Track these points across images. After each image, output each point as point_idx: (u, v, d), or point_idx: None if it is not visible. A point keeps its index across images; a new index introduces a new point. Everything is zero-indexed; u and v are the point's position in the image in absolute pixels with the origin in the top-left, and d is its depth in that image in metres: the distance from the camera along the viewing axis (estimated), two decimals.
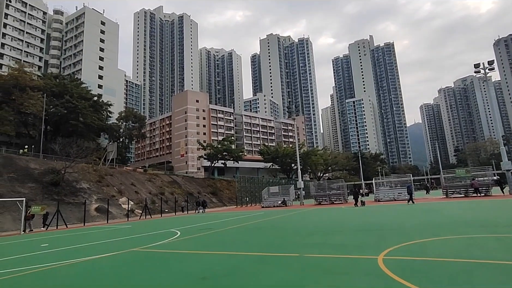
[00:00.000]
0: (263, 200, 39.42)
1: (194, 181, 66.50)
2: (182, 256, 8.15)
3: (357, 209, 22.95)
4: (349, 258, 6.28)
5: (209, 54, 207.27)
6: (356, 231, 10.80)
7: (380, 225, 12.11)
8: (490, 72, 29.24)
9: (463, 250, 6.43)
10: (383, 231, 10.27)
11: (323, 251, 7.22)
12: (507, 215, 12.75)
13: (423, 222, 12.04)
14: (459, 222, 11.06)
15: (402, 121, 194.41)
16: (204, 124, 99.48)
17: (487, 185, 27.37)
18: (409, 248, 6.91)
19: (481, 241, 7.27)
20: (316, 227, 12.82)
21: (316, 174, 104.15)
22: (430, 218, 13.11)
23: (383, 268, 5.17)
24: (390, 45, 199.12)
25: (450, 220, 11.93)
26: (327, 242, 8.78)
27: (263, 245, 9.00)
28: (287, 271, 5.59)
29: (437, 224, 11.12)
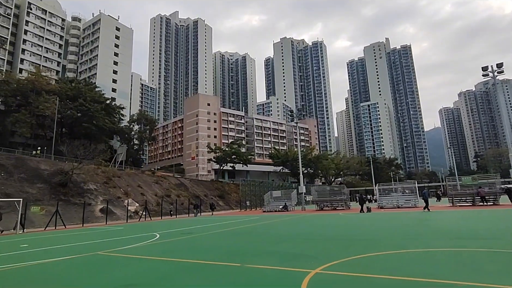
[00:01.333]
0: (265, 204, 39.13)
1: (202, 184, 67.00)
2: (131, 261, 8.16)
3: (354, 216, 22.35)
4: (282, 271, 6.04)
5: (223, 58, 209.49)
6: (329, 239, 10.48)
7: (358, 234, 11.72)
8: (501, 75, 27.86)
9: (406, 265, 6.05)
10: (354, 240, 9.91)
11: (268, 261, 7.01)
12: (496, 226, 12.02)
13: (403, 232, 11.55)
14: (438, 234, 10.51)
15: (419, 125, 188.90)
16: (215, 127, 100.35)
17: (494, 193, 26.00)
18: (355, 262, 6.58)
19: (438, 255, 6.83)
20: (293, 235, 12.55)
21: (328, 179, 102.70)
22: (414, 229, 12.55)
23: (303, 284, 4.94)
24: (407, 47, 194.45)
25: (430, 231, 11.36)
26: (288, 251, 8.53)
27: (223, 252, 8.87)
28: (203, 282, 5.47)
29: (414, 235, 10.62)
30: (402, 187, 32.89)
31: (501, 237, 9.26)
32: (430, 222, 15.15)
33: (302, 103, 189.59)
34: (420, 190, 32.51)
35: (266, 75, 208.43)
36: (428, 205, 24.05)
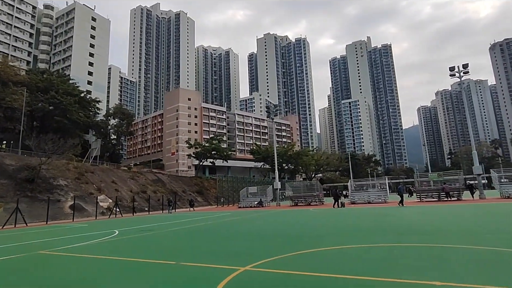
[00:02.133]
0: (241, 200, 39.12)
1: (180, 179, 66.16)
2: (66, 260, 7.90)
3: (323, 211, 22.66)
4: (211, 268, 5.96)
5: (206, 52, 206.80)
6: (280, 236, 10.51)
7: (313, 229, 11.84)
8: (467, 75, 28.86)
9: (333, 261, 6.10)
10: (304, 237, 9.98)
11: (204, 259, 6.90)
12: (445, 221, 12.44)
13: (355, 228, 11.75)
14: (386, 229, 10.76)
15: (398, 122, 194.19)
16: (196, 122, 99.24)
17: (458, 189, 27.08)
18: (290, 258, 6.58)
19: (372, 251, 6.94)
20: (248, 232, 12.53)
21: (308, 175, 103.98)
22: (368, 225, 12.80)
23: (224, 281, 4.86)
24: (388, 46, 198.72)
25: (381, 227, 11.62)
26: (231, 248, 8.47)
27: (166, 250, 8.74)
28: (123, 281, 5.30)
29: (363, 231, 10.82)
30: (376, 183, 33.66)
31: (442, 232, 9.56)
32: (388, 217, 15.54)
33: (285, 100, 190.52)
34: (396, 186, 33.40)
35: (250, 71, 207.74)
36: (403, 200, 24.80)
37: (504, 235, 8.29)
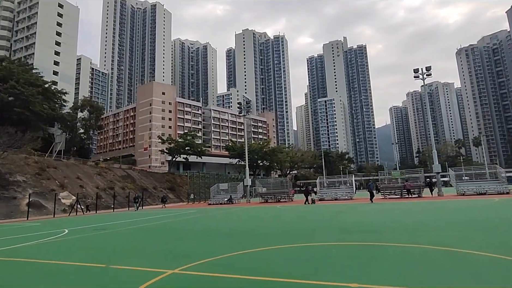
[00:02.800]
0: (211, 197, 38.73)
1: (151, 176, 64.50)
2: None
3: (289, 208, 22.83)
4: (138, 271, 5.68)
5: (183, 45, 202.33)
6: (231, 235, 10.37)
7: (266, 228, 11.81)
8: (429, 78, 30.07)
9: (267, 263, 6.03)
10: (253, 235, 9.90)
11: (136, 261, 6.61)
12: (396, 219, 12.84)
13: (306, 226, 11.84)
14: (337, 227, 10.92)
15: (371, 122, 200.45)
16: (170, 117, 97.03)
17: (418, 186, 28.28)
18: (225, 259, 6.43)
19: (309, 250, 6.95)
20: (201, 230, 12.32)
21: (283, 171, 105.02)
22: (322, 221, 12.97)
23: (144, 285, 4.61)
24: (363, 47, 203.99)
25: (332, 224, 11.80)
26: (173, 249, 8.21)
27: (109, 252, 8.33)
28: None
29: (314, 228, 10.92)
30: (343, 180, 34.44)
31: (389, 229, 9.81)
32: (345, 215, 15.86)
33: (262, 96, 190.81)
34: (367, 183, 34.22)
35: (227, 66, 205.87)
36: (372, 196, 25.44)
37: (444, 232, 8.61)
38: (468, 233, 8.35)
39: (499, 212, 13.41)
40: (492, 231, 8.50)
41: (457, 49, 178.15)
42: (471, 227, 9.44)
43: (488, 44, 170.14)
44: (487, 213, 13.40)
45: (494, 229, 8.83)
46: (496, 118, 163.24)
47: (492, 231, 8.50)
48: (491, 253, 5.58)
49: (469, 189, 27.72)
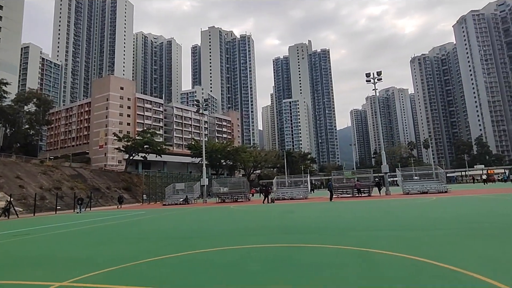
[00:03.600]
0: (166, 197, 37.33)
1: (105, 175, 60.85)
2: None
3: (239, 209, 22.52)
4: (22, 286, 4.93)
5: (146, 40, 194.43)
6: (165, 238, 9.76)
7: (205, 230, 11.37)
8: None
9: (174, 271, 5.58)
10: (185, 239, 9.40)
11: (33, 272, 5.81)
12: (336, 218, 13.05)
13: (247, 227, 11.58)
14: (277, 227, 10.77)
15: (333, 123, 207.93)
16: (128, 113, 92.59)
17: (368, 186, 29.52)
18: (133, 267, 5.87)
19: (230, 254, 6.61)
20: (141, 232, 11.58)
21: (247, 171, 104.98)
22: (263, 222, 12.80)
23: None
24: (326, 51, 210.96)
25: (273, 225, 11.67)
26: (87, 256, 7.42)
27: (14, 262, 7.31)
28: None
29: (250, 229, 10.67)
30: (296, 181, 34.94)
31: (322, 229, 9.83)
32: (291, 215, 15.90)
33: (228, 95, 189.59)
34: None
35: (193, 64, 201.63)
36: (332, 195, 25.92)
37: (369, 233, 8.75)
38: (385, 232, 8.56)
39: (426, 211, 14.16)
40: (409, 230, 8.80)
41: (411, 57, 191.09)
42: (394, 226, 9.76)
43: (437, 55, 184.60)
44: (415, 211, 14.08)
45: (412, 228, 9.17)
46: (444, 123, 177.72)
47: (409, 230, 8.81)
48: (399, 253, 5.63)
49: (414, 188, 29.50)
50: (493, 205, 14.87)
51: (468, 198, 20.24)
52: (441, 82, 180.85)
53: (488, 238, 6.77)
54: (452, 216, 11.14)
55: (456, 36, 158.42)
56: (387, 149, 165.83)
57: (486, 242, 6.34)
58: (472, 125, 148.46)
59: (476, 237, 6.93)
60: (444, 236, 7.29)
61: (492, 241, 6.42)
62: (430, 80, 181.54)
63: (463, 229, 8.26)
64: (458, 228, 8.49)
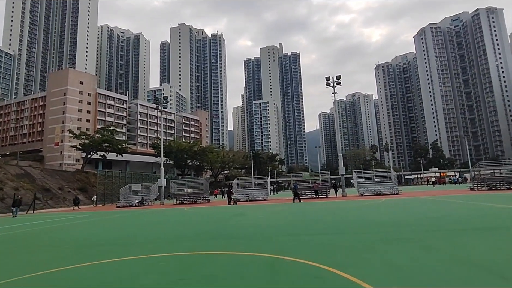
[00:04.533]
0: (121, 198, 35.43)
1: (58, 174, 56.80)
2: None
3: (195, 211, 21.73)
4: None
5: (112, 33, 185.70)
6: (87, 246, 8.84)
7: (140, 235, 10.58)
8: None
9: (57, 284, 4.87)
10: (111, 245, 8.58)
11: None
12: (272, 223, 12.81)
13: (186, 232, 10.96)
14: (218, 233, 10.26)
15: (302, 126, 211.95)
16: (88, 110, 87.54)
17: (325, 187, 29.98)
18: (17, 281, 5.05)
19: (139, 264, 5.98)
20: (67, 239, 10.51)
21: (214, 172, 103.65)
22: (207, 227, 12.24)
23: None
24: (297, 55, 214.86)
25: (212, 230, 11.16)
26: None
27: None
28: None
29: (187, 235, 10.07)
30: (258, 182, 34.70)
31: (245, 236, 9.47)
32: (238, 218, 15.49)
33: (197, 94, 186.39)
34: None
35: (162, 61, 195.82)
36: (297, 197, 26.07)
37: (295, 237, 8.51)
38: (311, 237, 8.39)
39: (365, 213, 14.37)
40: (336, 234, 8.70)
41: (375, 65, 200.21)
42: (327, 230, 9.66)
43: (399, 63, 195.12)
44: (355, 214, 14.20)
45: (338, 232, 9.09)
46: (404, 128, 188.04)
47: (336, 234, 8.71)
48: (306, 260, 5.35)
49: (368, 190, 30.43)
50: (429, 207, 15.47)
51: (411, 200, 21.08)
52: (403, 89, 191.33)
53: (401, 242, 6.74)
54: (383, 219, 11.28)
55: (416, 47, 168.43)
56: (351, 152, 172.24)
57: (396, 247, 6.28)
58: (429, 131, 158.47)
59: (390, 242, 6.87)
60: (360, 241, 7.19)
61: (403, 246, 6.38)
62: (393, 87, 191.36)
63: (385, 233, 8.25)
64: (380, 231, 8.48)
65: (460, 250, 5.80)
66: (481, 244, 6.24)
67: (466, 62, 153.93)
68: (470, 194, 25.23)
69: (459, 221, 9.74)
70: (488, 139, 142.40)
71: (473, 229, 8.15)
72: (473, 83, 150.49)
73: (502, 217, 10.28)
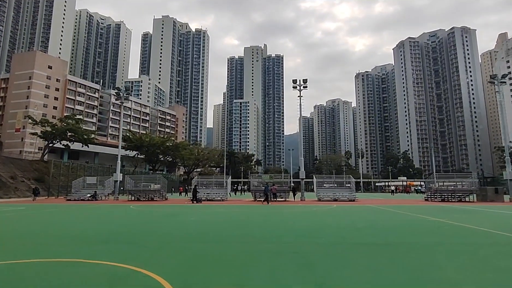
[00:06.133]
0: (73, 191, 33.60)
1: (13, 162, 53.40)
2: None
3: (142, 208, 20.70)
4: None
5: (91, 19, 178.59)
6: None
7: (56, 235, 9.60)
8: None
9: None
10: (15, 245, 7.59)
11: None
12: (190, 225, 12.20)
13: (91, 233, 10.08)
14: (111, 234, 9.47)
15: (281, 128, 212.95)
16: (56, 96, 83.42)
17: (284, 191, 29.72)
18: None
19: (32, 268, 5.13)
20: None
21: (187, 169, 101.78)
22: (112, 228, 11.41)
23: None
24: (280, 57, 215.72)
25: (112, 231, 10.35)
26: None
27: None
28: None
29: (82, 236, 9.21)
30: (217, 182, 33.92)
31: (137, 241, 8.81)
32: (169, 219, 14.75)
33: (177, 89, 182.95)
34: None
35: (142, 52, 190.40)
36: (267, 198, 26.28)
37: (185, 245, 7.93)
38: (202, 245, 7.85)
39: (298, 220, 14.05)
40: (207, 243, 8.20)
41: (356, 73, 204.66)
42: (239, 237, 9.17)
43: (378, 73, 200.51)
44: (290, 221, 13.87)
45: (219, 240, 8.61)
46: (379, 136, 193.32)
47: (206, 243, 8.21)
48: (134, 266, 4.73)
49: (327, 196, 30.47)
50: (363, 217, 15.35)
51: (360, 208, 21.09)
52: (380, 98, 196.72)
53: (293, 257, 6.30)
54: (312, 228, 10.95)
55: (395, 59, 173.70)
56: (326, 157, 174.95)
57: (281, 261, 5.82)
58: (402, 140, 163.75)
59: (283, 254, 6.43)
60: (255, 251, 6.70)
61: (292, 260, 5.92)
62: (371, 95, 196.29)
63: (292, 244, 7.82)
64: (279, 242, 8.05)
65: (313, 268, 5.38)
66: (348, 263, 5.87)
67: (440, 77, 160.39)
68: (420, 204, 25.73)
69: (371, 234, 9.47)
70: (455, 152, 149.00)
71: (370, 244, 7.80)
72: (445, 97, 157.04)
73: (419, 231, 10.15)
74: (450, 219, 13.31)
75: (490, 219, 13.75)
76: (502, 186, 31.73)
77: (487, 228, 10.26)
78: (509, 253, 6.77)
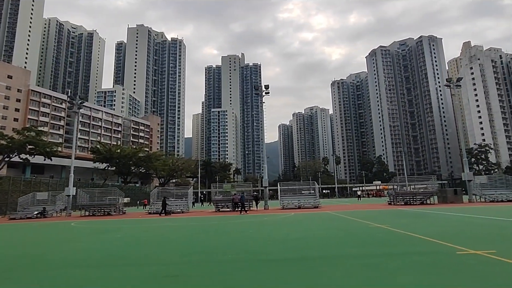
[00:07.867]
0: (18, 209, 30.97)
1: None
2: None
3: (88, 225, 18.93)
4: None
5: (62, 28, 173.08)
6: None
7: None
8: (266, 96, 31.48)
9: None
10: None
11: None
12: (118, 243, 10.90)
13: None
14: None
15: (260, 136, 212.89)
16: (17, 107, 79.06)
17: (247, 200, 28.63)
18: None
19: None
20: None
21: (163, 180, 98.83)
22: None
23: None
24: (258, 66, 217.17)
25: (24, 254, 8.90)
26: None
27: None
28: None
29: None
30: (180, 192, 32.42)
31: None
32: (101, 236, 13.31)
33: (153, 99, 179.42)
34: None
35: (116, 61, 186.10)
36: (243, 207, 26.41)
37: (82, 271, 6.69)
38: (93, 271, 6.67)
39: (235, 234, 13.06)
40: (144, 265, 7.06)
41: (331, 81, 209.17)
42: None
43: (353, 81, 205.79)
44: (227, 234, 12.85)
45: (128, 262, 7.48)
46: (356, 142, 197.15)
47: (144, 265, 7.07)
48: None
49: (291, 203, 29.68)
50: (312, 225, 14.58)
51: (315, 216, 20.31)
52: (355, 105, 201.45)
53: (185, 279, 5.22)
54: (230, 243, 9.90)
55: (368, 67, 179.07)
56: (304, 163, 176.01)
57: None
58: (377, 146, 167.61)
59: (149, 279, 5.34)
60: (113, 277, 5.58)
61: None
62: (346, 102, 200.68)
63: (174, 265, 6.74)
64: (172, 263, 6.98)
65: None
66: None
67: (410, 84, 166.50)
68: (381, 209, 25.38)
69: (292, 248, 8.58)
70: (427, 155, 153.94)
71: (280, 260, 6.86)
72: (416, 103, 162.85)
73: (349, 242, 9.38)
74: (393, 225, 12.70)
75: (434, 224, 13.27)
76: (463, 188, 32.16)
77: (421, 234, 9.63)
78: (414, 266, 5.94)
